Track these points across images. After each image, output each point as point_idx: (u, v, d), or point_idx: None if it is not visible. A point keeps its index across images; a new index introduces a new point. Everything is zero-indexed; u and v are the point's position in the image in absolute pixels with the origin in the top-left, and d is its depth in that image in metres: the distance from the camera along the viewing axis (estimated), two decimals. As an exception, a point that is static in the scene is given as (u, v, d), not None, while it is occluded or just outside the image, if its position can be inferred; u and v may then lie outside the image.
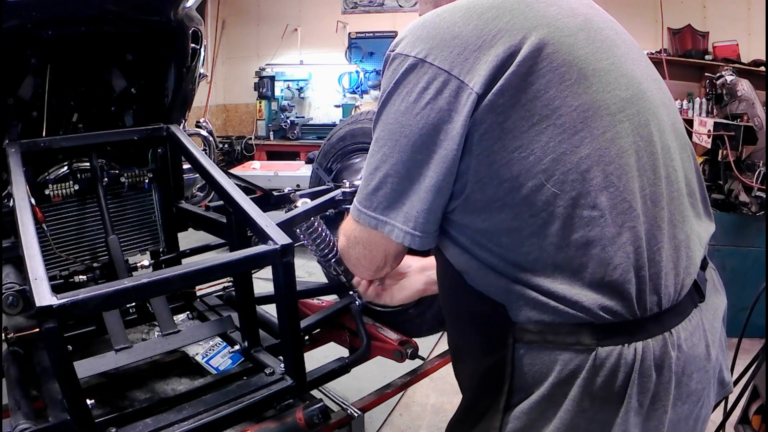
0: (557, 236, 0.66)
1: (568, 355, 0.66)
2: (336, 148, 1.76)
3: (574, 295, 0.66)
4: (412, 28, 0.72)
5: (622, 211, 0.66)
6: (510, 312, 0.70)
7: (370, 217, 0.73)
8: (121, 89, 1.73)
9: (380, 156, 0.71)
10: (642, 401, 0.66)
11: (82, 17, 1.52)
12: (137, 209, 1.70)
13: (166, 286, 1.08)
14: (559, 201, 0.65)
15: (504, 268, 0.70)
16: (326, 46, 6.73)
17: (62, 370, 0.95)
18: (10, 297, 1.16)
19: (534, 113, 0.65)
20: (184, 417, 1.09)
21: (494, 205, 0.68)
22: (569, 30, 0.69)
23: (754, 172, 2.65)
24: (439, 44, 0.68)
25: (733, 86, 2.88)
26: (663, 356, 0.67)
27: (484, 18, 0.68)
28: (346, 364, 1.46)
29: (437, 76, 0.67)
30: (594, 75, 0.68)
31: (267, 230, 1.20)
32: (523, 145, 0.65)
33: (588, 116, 0.66)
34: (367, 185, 0.73)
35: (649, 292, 0.67)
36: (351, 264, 0.86)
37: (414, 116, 0.68)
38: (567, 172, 0.65)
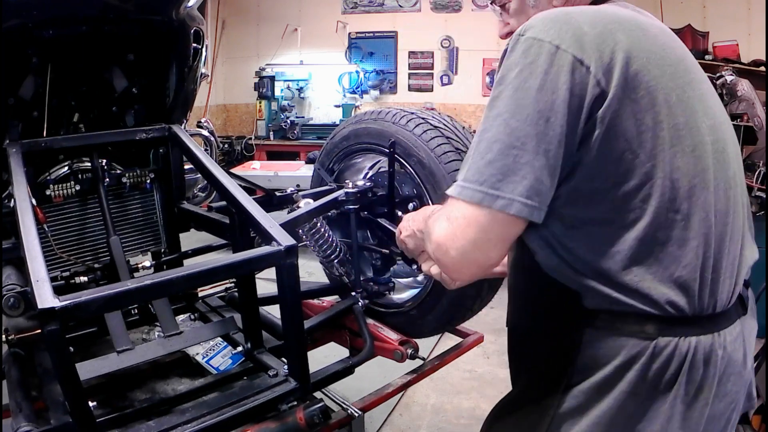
0: (643, 231, 0.74)
1: (632, 342, 0.75)
2: (339, 148, 1.75)
3: (645, 287, 0.74)
4: (543, 19, 0.77)
5: (699, 219, 0.76)
6: (583, 300, 0.77)
7: (480, 192, 0.72)
8: (123, 89, 1.73)
9: (502, 129, 0.73)
10: (689, 390, 0.75)
11: (83, 17, 1.51)
12: (139, 210, 1.69)
13: (170, 288, 1.07)
14: (652, 201, 0.74)
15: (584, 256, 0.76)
16: (326, 46, 6.72)
17: (64, 371, 0.95)
18: (12, 298, 1.15)
19: (642, 123, 0.74)
20: (187, 419, 1.08)
21: (597, 197, 0.75)
22: (671, 61, 0.79)
23: (754, 172, 2.66)
24: (570, 37, 0.73)
25: (733, 86, 2.89)
26: (711, 353, 0.75)
27: (608, 28, 0.75)
28: (350, 365, 1.45)
29: (572, 62, 0.72)
30: (688, 101, 0.78)
31: (271, 231, 1.19)
32: (632, 149, 0.73)
33: (683, 134, 0.76)
34: (481, 158, 0.74)
35: (708, 294, 0.77)
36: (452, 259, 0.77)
37: (550, 93, 0.72)
38: (663, 177, 0.74)
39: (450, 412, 2.46)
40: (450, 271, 0.82)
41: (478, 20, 6.31)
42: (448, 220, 0.76)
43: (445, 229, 0.76)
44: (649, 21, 0.84)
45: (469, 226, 0.74)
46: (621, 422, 0.75)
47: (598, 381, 0.76)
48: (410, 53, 6.74)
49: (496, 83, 0.76)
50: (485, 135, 0.74)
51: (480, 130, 0.76)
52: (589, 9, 0.81)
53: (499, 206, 0.71)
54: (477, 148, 0.75)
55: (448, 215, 0.76)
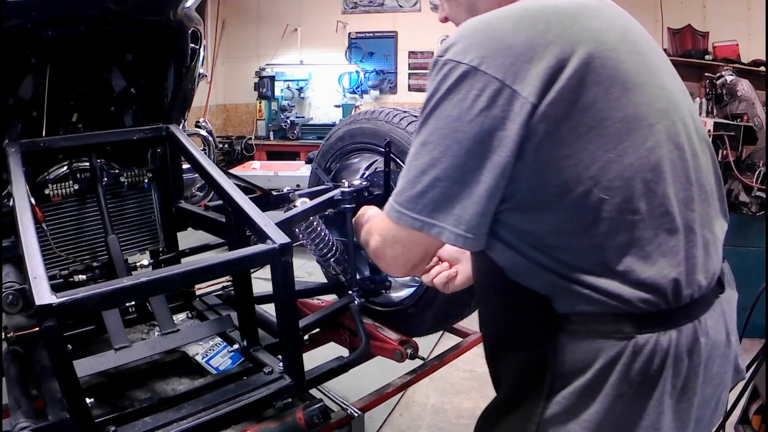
0: (602, 237, 0.71)
1: (609, 343, 0.71)
2: (335, 148, 1.76)
3: (615, 289, 0.71)
4: (463, 35, 0.73)
5: (660, 215, 0.72)
6: (554, 304, 0.74)
7: (415, 219, 0.74)
8: (121, 89, 1.74)
9: (428, 160, 0.72)
10: (675, 384, 0.73)
11: (81, 17, 1.52)
12: (137, 209, 1.70)
13: (166, 285, 1.08)
14: (605, 206, 0.70)
15: (550, 264, 0.73)
16: (326, 46, 6.73)
17: (62, 369, 0.95)
18: (10, 296, 1.16)
19: (583, 124, 0.69)
20: (183, 416, 1.09)
21: (542, 208, 0.72)
22: (612, 44, 0.73)
23: (754, 172, 2.65)
24: (492, 53, 0.70)
25: (733, 86, 2.88)
26: (694, 342, 0.73)
27: (535, 30, 0.71)
28: (345, 363, 1.46)
29: (490, 84, 0.69)
30: (635, 88, 0.73)
31: (266, 230, 1.20)
32: (573, 154, 0.70)
33: (631, 128, 0.71)
34: (413, 187, 0.74)
35: (684, 286, 0.73)
36: (384, 263, 0.86)
37: (467, 123, 0.70)
38: (612, 179, 0.70)
39: (450, 412, 2.46)
40: (386, 271, 0.91)
41: (478, 20, 6.30)
42: (381, 236, 0.82)
43: (379, 242, 0.83)
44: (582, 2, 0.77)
45: (396, 242, 0.80)
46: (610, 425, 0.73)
47: (581, 386, 0.73)
48: (410, 53, 6.75)
49: (422, 107, 0.74)
50: (414, 162, 0.74)
51: (410, 153, 0.76)
52: (513, 10, 0.74)
53: (433, 233, 0.73)
54: (408, 174, 0.75)
55: (382, 232, 0.82)
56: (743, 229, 2.76)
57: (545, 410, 0.75)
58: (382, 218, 0.81)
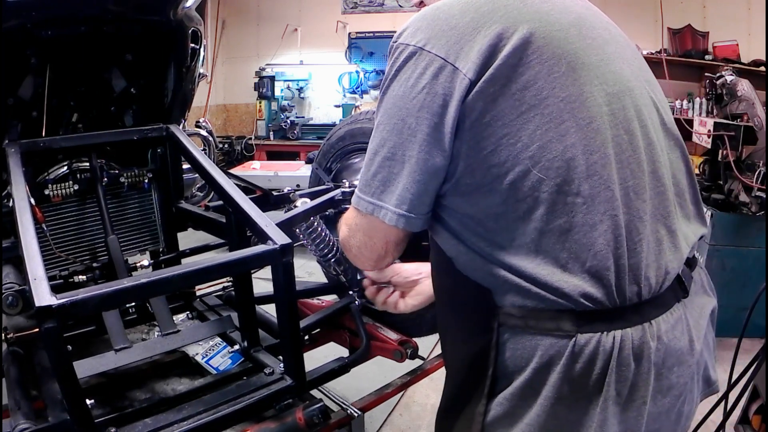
0: (541, 221, 0.68)
1: (549, 341, 0.69)
2: (335, 148, 1.76)
3: (555, 281, 0.68)
4: (414, 20, 0.75)
5: (604, 200, 0.68)
6: (495, 297, 0.72)
7: (368, 202, 0.75)
8: (121, 89, 1.74)
9: (378, 141, 0.74)
10: (620, 390, 0.68)
11: (81, 17, 1.52)
12: (137, 209, 1.70)
13: (166, 286, 1.08)
14: (544, 187, 0.68)
15: (489, 252, 0.72)
16: (326, 46, 6.73)
17: (62, 370, 0.95)
18: (10, 297, 1.16)
19: (523, 102, 0.68)
20: (184, 417, 1.09)
21: (482, 190, 0.71)
22: (560, 25, 0.72)
23: (754, 172, 2.65)
24: (437, 34, 0.71)
25: (733, 86, 2.88)
26: (642, 346, 0.68)
27: (481, 11, 0.71)
28: (346, 364, 1.46)
29: (433, 62, 0.70)
30: (582, 68, 0.71)
31: (266, 230, 1.20)
32: (511, 133, 0.68)
33: (574, 107, 0.69)
34: (367, 171, 0.75)
35: (628, 281, 0.69)
36: (352, 255, 0.85)
37: (411, 100, 0.70)
38: (552, 159, 0.67)
39: (449, 411, 2.46)
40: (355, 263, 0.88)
41: (478, 20, 6.30)
42: (347, 225, 0.83)
43: (345, 232, 0.84)
44: None
45: (358, 230, 0.80)
46: (553, 430, 0.69)
47: (520, 386, 0.70)
48: (410, 53, 6.75)
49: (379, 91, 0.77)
50: (370, 145, 0.75)
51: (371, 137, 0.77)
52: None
53: (381, 216, 0.74)
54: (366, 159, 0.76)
55: (347, 220, 0.83)
56: (743, 229, 2.76)
57: (488, 412, 0.72)
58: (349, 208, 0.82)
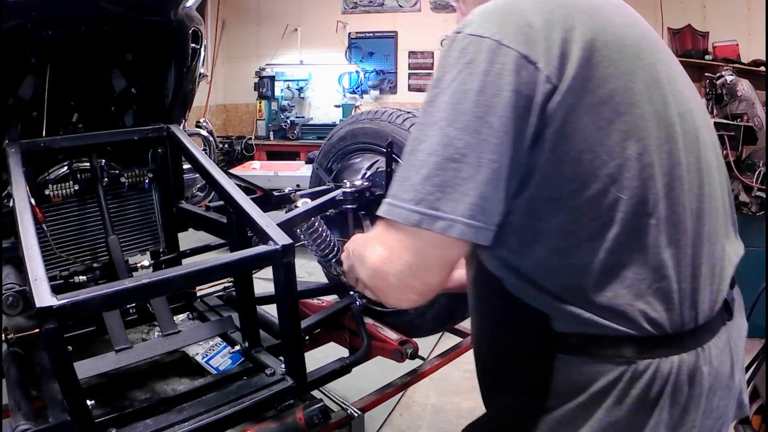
0: (613, 241, 0.66)
1: (608, 367, 0.67)
2: (336, 148, 1.76)
3: (619, 305, 0.66)
4: (482, 13, 0.69)
5: (674, 223, 0.68)
6: (553, 323, 0.69)
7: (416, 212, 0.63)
8: (121, 89, 1.73)
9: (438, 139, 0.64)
10: (672, 414, 0.68)
11: (82, 17, 1.52)
12: (137, 209, 1.70)
13: (167, 287, 1.07)
14: (621, 206, 0.65)
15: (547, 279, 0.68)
16: (326, 46, 6.72)
17: (62, 370, 0.95)
18: (10, 297, 1.16)
19: (601, 117, 0.65)
20: (185, 418, 1.09)
21: (556, 206, 0.67)
22: (632, 39, 0.71)
23: (754, 172, 2.65)
24: (513, 30, 0.65)
25: (733, 86, 2.88)
26: (695, 371, 0.68)
27: (555, 14, 0.67)
28: (347, 364, 1.46)
29: (515, 59, 0.64)
30: (655, 87, 0.70)
31: (267, 230, 1.19)
32: (590, 148, 0.65)
33: (650, 125, 0.67)
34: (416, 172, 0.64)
35: (689, 305, 0.69)
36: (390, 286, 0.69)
37: (492, 97, 0.63)
38: (631, 178, 0.65)
39: (450, 412, 2.46)
40: (389, 298, 0.73)
41: (478, 20, 6.29)
42: (382, 243, 0.68)
43: (380, 254, 0.68)
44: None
45: (405, 249, 0.66)
46: None
47: (573, 408, 0.68)
48: (410, 53, 6.74)
49: (431, 86, 0.67)
50: (420, 146, 0.65)
51: (413, 138, 0.67)
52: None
53: (438, 228, 0.63)
54: (410, 161, 0.65)
55: (382, 238, 0.68)
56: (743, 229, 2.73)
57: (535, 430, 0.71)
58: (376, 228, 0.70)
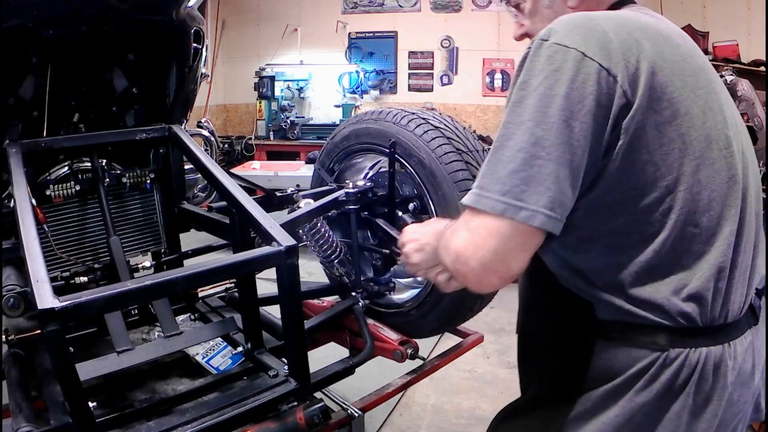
0: (661, 244, 0.75)
1: (643, 353, 0.76)
2: (339, 148, 1.75)
3: (658, 299, 0.75)
4: (565, 24, 0.75)
5: (715, 233, 0.77)
6: (597, 311, 0.79)
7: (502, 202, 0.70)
8: (123, 89, 1.73)
9: (527, 137, 0.70)
10: (697, 401, 0.75)
11: (83, 17, 1.51)
12: (139, 210, 1.69)
13: (170, 288, 1.07)
14: (672, 214, 0.74)
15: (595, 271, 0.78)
16: (326, 46, 6.72)
17: (64, 372, 0.95)
18: (11, 299, 1.15)
19: (664, 136, 0.74)
20: (187, 420, 1.08)
21: (617, 209, 0.75)
22: (692, 71, 0.79)
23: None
24: (596, 44, 0.72)
25: (733, 86, 2.89)
26: (720, 363, 0.76)
27: (633, 36, 0.75)
28: (351, 365, 1.45)
29: (598, 71, 0.71)
30: (709, 113, 0.79)
31: (271, 231, 1.19)
32: (653, 161, 0.74)
33: (704, 147, 0.76)
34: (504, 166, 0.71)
35: (721, 304, 0.77)
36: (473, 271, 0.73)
37: (577, 104, 0.70)
38: (684, 190, 0.75)
39: (450, 412, 2.45)
40: (471, 282, 0.77)
41: (478, 20, 6.29)
42: (468, 230, 0.73)
43: (465, 238, 0.73)
44: (670, 28, 0.84)
45: (490, 236, 0.71)
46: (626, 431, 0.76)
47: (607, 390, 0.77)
48: (410, 53, 6.74)
49: (517, 88, 0.73)
50: (508, 142, 0.71)
51: (500, 135, 0.73)
52: (612, 14, 0.80)
53: (522, 218, 0.69)
54: (498, 156, 0.72)
55: (468, 225, 0.74)
56: None
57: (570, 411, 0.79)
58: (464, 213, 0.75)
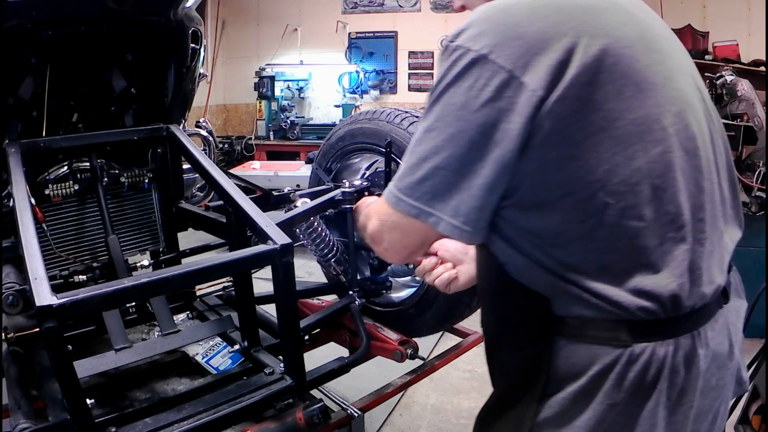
0: (603, 242, 0.69)
1: (605, 350, 0.70)
2: (335, 148, 1.76)
3: (614, 295, 0.69)
4: (476, 21, 0.71)
5: (666, 223, 0.69)
6: (552, 305, 0.73)
7: (412, 206, 0.73)
8: (121, 89, 1.73)
9: (431, 147, 0.71)
10: (670, 396, 0.70)
11: (82, 17, 1.52)
12: (137, 209, 1.70)
13: (166, 286, 1.08)
14: (609, 210, 0.68)
15: (549, 263, 0.72)
16: (326, 46, 6.73)
17: (62, 369, 0.95)
18: (10, 297, 1.16)
19: (592, 124, 0.67)
20: (184, 417, 1.09)
21: (545, 208, 0.70)
22: (629, 40, 0.70)
23: (754, 172, 2.65)
24: (502, 42, 0.67)
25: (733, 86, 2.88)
26: (692, 353, 0.71)
27: (549, 21, 0.68)
28: (346, 363, 1.46)
29: (498, 74, 0.66)
30: (649, 89, 0.70)
31: (267, 230, 1.20)
32: (579, 155, 0.67)
33: (642, 130, 0.68)
34: (413, 174, 0.72)
35: (685, 297, 0.70)
36: (381, 248, 0.85)
37: (472, 112, 0.67)
38: (618, 183, 0.67)
39: (450, 412, 2.46)
40: (383, 256, 0.89)
41: (478, 20, 6.29)
42: (380, 221, 0.81)
43: (377, 227, 0.82)
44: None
45: (395, 229, 0.79)
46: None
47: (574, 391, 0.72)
48: (410, 53, 6.74)
49: (430, 90, 0.73)
50: (417, 148, 0.72)
51: (414, 138, 0.74)
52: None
53: (429, 222, 0.72)
54: (410, 160, 0.73)
55: (381, 217, 0.81)
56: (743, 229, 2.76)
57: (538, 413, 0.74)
58: (381, 203, 0.79)
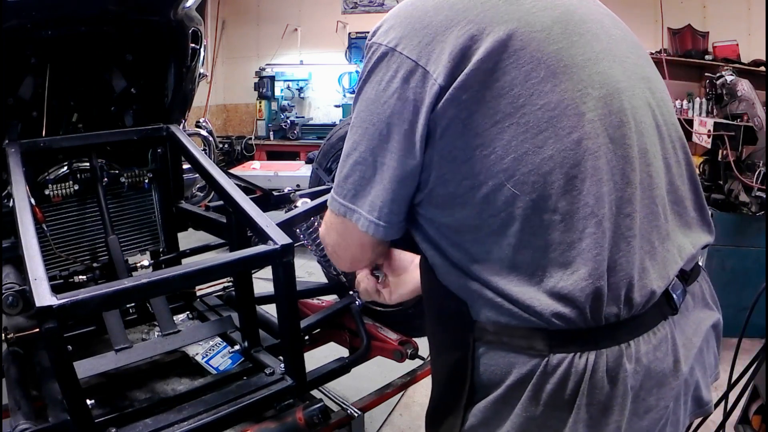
0: (515, 237, 0.65)
1: (522, 359, 0.66)
2: (335, 148, 1.76)
3: (528, 298, 0.65)
4: (388, 16, 0.72)
5: (583, 217, 0.63)
6: (471, 310, 0.70)
7: (340, 204, 0.74)
8: (121, 89, 1.74)
9: (351, 143, 0.72)
10: (592, 413, 0.64)
11: (81, 17, 1.52)
12: (137, 209, 1.70)
13: (166, 286, 1.08)
14: (519, 202, 0.64)
15: (465, 264, 0.70)
16: (326, 46, 6.73)
17: (62, 370, 0.95)
18: (10, 297, 1.16)
19: (497, 111, 0.63)
20: (184, 417, 1.09)
21: (456, 201, 0.67)
22: (542, 24, 0.66)
23: (754, 172, 2.65)
24: (409, 33, 0.67)
25: (733, 86, 2.88)
26: (617, 368, 0.64)
27: (455, 9, 0.66)
28: (346, 364, 1.46)
29: (404, 65, 0.67)
30: (564, 72, 0.65)
31: (267, 230, 1.20)
32: (485, 144, 0.64)
33: (554, 115, 0.63)
34: (340, 172, 0.74)
35: (606, 302, 0.64)
36: (329, 252, 0.85)
37: (381, 105, 0.68)
38: (528, 173, 0.63)
39: (449, 411, 2.46)
40: (333, 262, 0.89)
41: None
42: (325, 224, 0.83)
43: (323, 229, 0.84)
44: None
45: (333, 230, 0.80)
46: None
47: (494, 400, 0.68)
48: (410, 53, 6.75)
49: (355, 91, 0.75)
50: (345, 145, 0.73)
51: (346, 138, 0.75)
52: None
53: (354, 219, 0.73)
54: (341, 158, 0.74)
55: (325, 218, 0.82)
56: (743, 229, 2.76)
57: (465, 421, 0.71)
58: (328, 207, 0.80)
